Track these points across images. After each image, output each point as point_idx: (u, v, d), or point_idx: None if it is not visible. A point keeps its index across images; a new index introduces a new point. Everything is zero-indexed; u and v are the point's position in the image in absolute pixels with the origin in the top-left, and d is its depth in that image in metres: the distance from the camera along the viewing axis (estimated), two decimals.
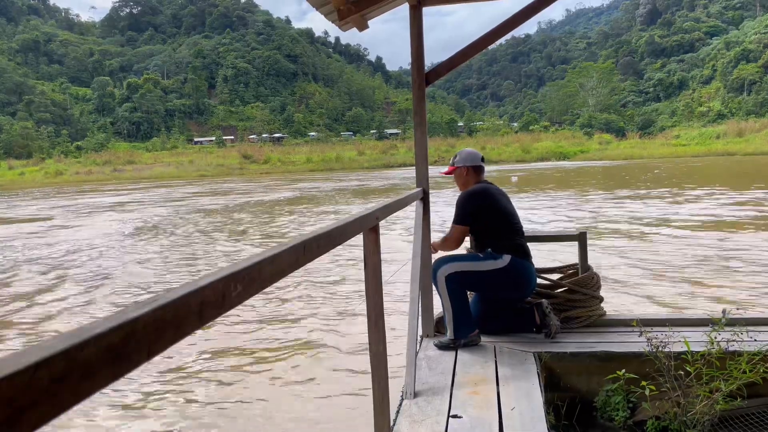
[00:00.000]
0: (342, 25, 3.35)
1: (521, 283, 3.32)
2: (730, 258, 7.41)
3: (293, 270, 1.10)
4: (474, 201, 3.38)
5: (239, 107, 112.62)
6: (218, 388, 4.15)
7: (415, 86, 3.39)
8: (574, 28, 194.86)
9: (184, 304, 0.67)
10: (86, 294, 7.15)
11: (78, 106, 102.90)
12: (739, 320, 3.21)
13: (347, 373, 4.28)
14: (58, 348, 0.47)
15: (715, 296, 5.68)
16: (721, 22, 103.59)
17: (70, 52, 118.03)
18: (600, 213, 12.88)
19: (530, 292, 3.46)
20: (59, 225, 15.61)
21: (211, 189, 30.91)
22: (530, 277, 3.34)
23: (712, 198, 14.71)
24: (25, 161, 65.62)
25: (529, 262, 3.35)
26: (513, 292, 3.40)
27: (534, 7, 3.24)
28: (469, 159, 3.54)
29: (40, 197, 30.17)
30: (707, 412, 2.59)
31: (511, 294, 3.43)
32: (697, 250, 8.00)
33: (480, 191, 3.41)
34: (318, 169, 55.40)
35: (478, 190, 3.42)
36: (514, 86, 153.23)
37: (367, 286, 2.05)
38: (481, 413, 2.44)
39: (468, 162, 3.53)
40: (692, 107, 79.66)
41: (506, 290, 3.37)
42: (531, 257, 3.39)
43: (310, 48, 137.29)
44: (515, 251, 3.28)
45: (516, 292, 3.39)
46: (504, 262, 3.24)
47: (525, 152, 57.93)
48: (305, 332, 5.30)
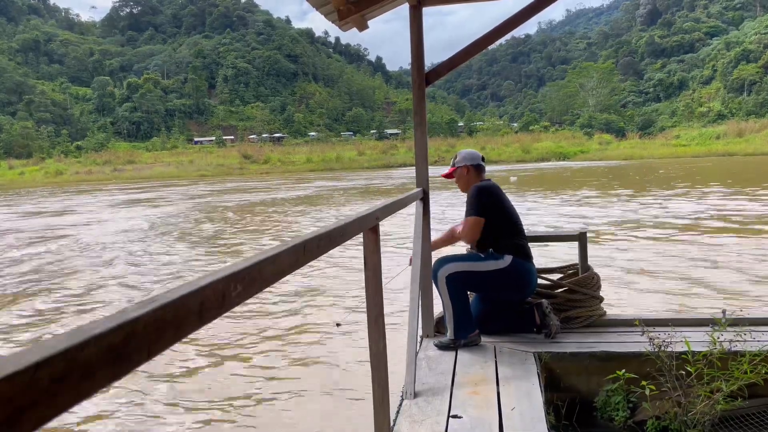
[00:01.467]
0: (342, 25, 3.35)
1: (522, 285, 3.32)
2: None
3: (293, 270, 1.10)
4: (487, 193, 3.36)
5: (239, 107, 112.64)
6: (217, 386, 4.15)
7: (415, 86, 3.39)
8: (574, 29, 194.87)
9: (184, 304, 0.67)
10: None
11: (78, 106, 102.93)
12: (742, 320, 3.21)
13: (347, 373, 4.27)
14: (58, 348, 0.47)
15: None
16: (721, 22, 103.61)
17: (70, 52, 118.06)
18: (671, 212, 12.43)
19: (531, 293, 3.46)
20: (106, 219, 16.55)
21: (223, 187, 31.29)
22: (531, 278, 3.34)
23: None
24: (25, 161, 65.67)
25: (531, 263, 3.35)
26: (514, 293, 3.40)
27: (534, 7, 3.24)
28: (469, 158, 3.54)
29: (64, 194, 30.93)
30: (708, 412, 2.59)
31: (512, 295, 3.43)
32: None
33: (490, 186, 3.41)
34: (318, 169, 55.36)
35: (489, 185, 3.42)
36: (514, 86, 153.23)
37: (367, 286, 2.05)
38: (481, 413, 2.44)
39: (468, 161, 3.52)
40: (692, 107, 79.65)
41: (507, 291, 3.37)
42: (532, 258, 3.39)
43: (310, 48, 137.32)
44: (517, 252, 3.27)
45: (517, 293, 3.39)
46: (505, 262, 3.23)
47: (525, 152, 57.94)
48: (304, 332, 5.30)
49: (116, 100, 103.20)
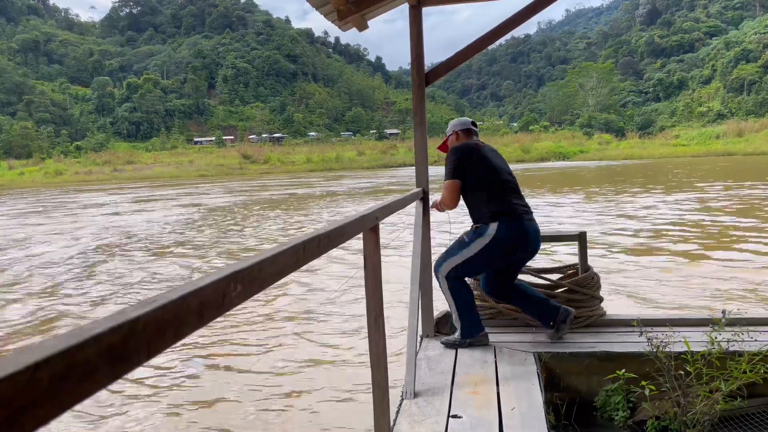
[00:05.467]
0: (342, 25, 3.35)
1: (515, 247, 3.16)
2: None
3: (293, 270, 1.10)
4: (459, 153, 3.27)
5: (239, 107, 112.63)
6: (216, 384, 4.15)
7: (414, 86, 3.39)
8: (573, 28, 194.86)
9: (184, 304, 0.67)
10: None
11: (78, 106, 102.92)
12: (740, 320, 3.22)
13: (347, 373, 4.28)
14: (58, 348, 0.47)
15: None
16: (720, 22, 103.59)
17: (70, 52, 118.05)
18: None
19: (532, 250, 3.26)
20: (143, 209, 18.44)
21: (233, 187, 31.63)
22: (524, 237, 3.15)
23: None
24: (25, 161, 65.65)
25: (521, 221, 3.15)
26: (512, 257, 3.24)
27: (534, 7, 3.25)
28: (458, 124, 3.50)
29: (94, 192, 31.36)
30: (707, 412, 2.59)
31: (510, 260, 3.26)
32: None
33: (464, 145, 3.32)
34: (318, 169, 55.33)
35: (463, 144, 3.33)
36: (514, 86, 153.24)
37: (367, 285, 2.05)
38: (481, 413, 2.44)
39: (458, 127, 3.48)
40: (692, 107, 79.62)
41: (501, 260, 3.23)
42: (523, 214, 3.18)
43: (310, 48, 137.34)
44: (502, 215, 3.13)
45: (513, 256, 3.23)
46: (490, 234, 3.11)
47: (525, 152, 57.90)
48: (303, 333, 5.30)
49: (116, 100, 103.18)
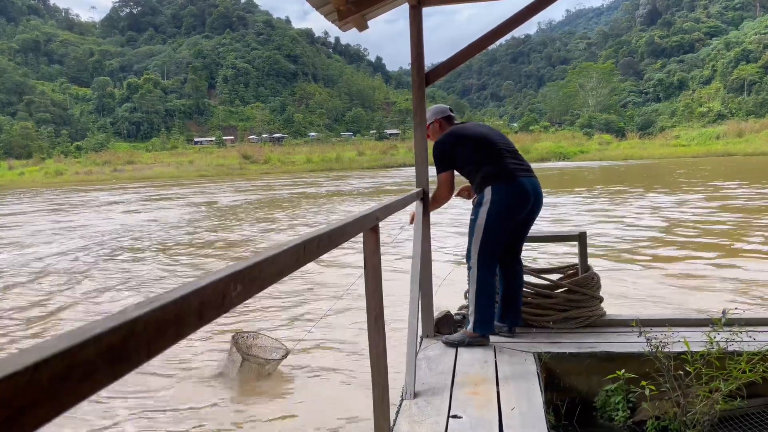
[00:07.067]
0: (342, 25, 3.35)
1: (516, 204, 3.16)
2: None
3: (293, 270, 1.11)
4: (443, 144, 3.31)
5: (239, 107, 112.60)
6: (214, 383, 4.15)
7: (415, 86, 3.39)
8: (574, 29, 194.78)
9: (184, 304, 0.67)
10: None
11: (78, 106, 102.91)
12: (739, 320, 3.22)
13: (347, 373, 4.28)
14: (58, 348, 0.47)
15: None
16: (721, 22, 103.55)
17: (70, 52, 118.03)
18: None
19: (532, 208, 3.23)
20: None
21: (239, 186, 31.86)
22: (522, 193, 3.14)
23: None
24: (25, 161, 65.57)
25: (515, 182, 3.14)
26: (517, 215, 3.20)
27: (534, 7, 3.25)
28: (438, 112, 3.50)
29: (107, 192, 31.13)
30: (707, 412, 2.59)
31: (513, 221, 3.22)
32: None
33: (446, 136, 3.35)
34: (318, 169, 55.33)
35: (444, 136, 3.36)
36: (514, 86, 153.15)
37: (367, 285, 2.05)
38: (481, 413, 2.44)
39: (438, 115, 3.49)
40: (692, 107, 79.60)
41: (509, 220, 3.19)
42: (520, 171, 3.18)
43: (310, 48, 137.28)
44: (496, 176, 3.15)
45: (518, 215, 3.20)
46: (488, 199, 3.14)
47: (525, 152, 56.07)
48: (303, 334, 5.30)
49: (116, 100, 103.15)
